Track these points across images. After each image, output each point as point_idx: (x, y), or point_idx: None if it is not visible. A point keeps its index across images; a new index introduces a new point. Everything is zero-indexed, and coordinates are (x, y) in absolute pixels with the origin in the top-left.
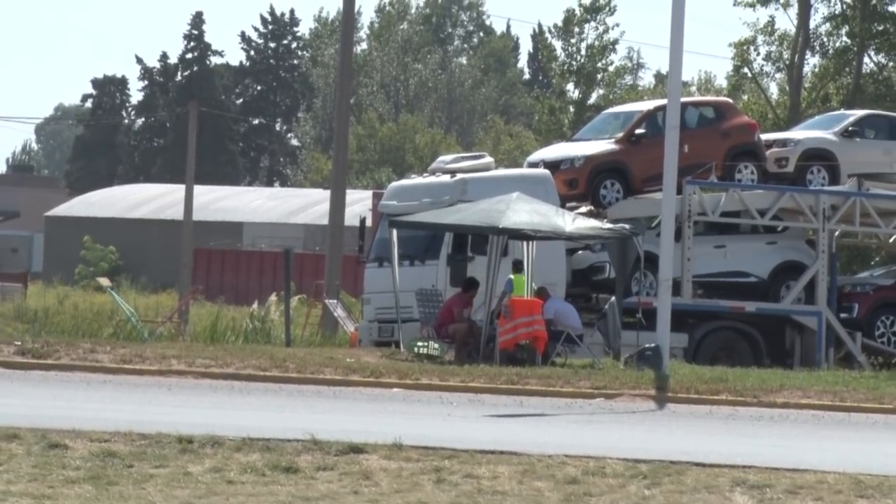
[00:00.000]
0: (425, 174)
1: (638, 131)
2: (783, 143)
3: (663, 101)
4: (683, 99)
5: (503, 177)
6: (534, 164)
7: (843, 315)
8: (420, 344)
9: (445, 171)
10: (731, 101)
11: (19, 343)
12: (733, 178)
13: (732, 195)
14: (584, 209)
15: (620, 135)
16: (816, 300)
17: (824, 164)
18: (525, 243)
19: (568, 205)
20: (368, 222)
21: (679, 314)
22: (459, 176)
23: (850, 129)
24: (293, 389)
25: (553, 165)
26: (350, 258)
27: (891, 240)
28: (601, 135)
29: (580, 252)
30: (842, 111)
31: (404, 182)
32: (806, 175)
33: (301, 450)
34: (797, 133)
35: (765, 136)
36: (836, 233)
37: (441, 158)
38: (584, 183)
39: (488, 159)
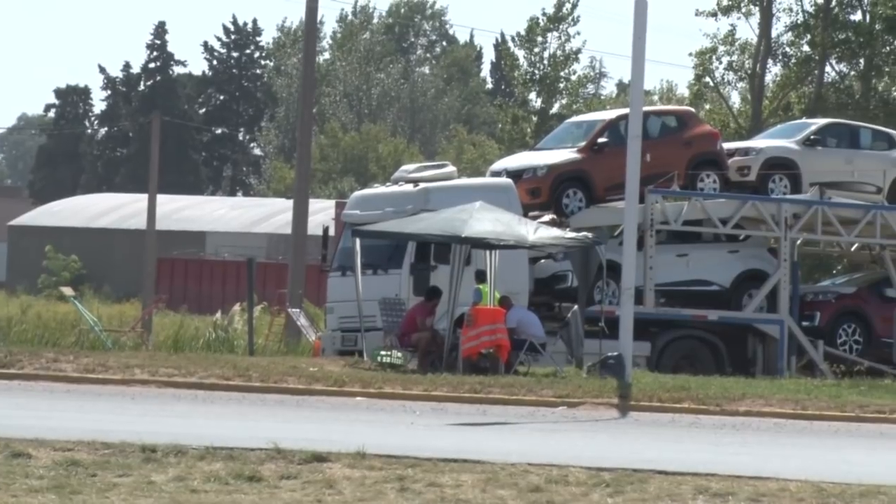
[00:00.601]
0: (388, 183)
1: (600, 140)
2: (745, 151)
3: (625, 111)
4: (645, 108)
5: (466, 186)
6: (496, 173)
7: (805, 323)
8: (383, 353)
9: (408, 181)
10: (692, 110)
11: None
12: (695, 186)
13: (695, 204)
14: (546, 218)
15: (583, 144)
16: (778, 309)
17: (786, 172)
18: (488, 252)
19: (531, 213)
20: (332, 231)
21: (641, 323)
22: (422, 185)
23: (812, 137)
24: (256, 398)
25: (516, 174)
26: (313, 267)
27: (852, 248)
28: (564, 144)
29: (543, 261)
30: (804, 120)
31: (367, 191)
32: (768, 184)
33: (264, 458)
34: (759, 142)
35: (727, 145)
36: (798, 241)
37: (404, 168)
38: (546, 192)
39: (451, 168)
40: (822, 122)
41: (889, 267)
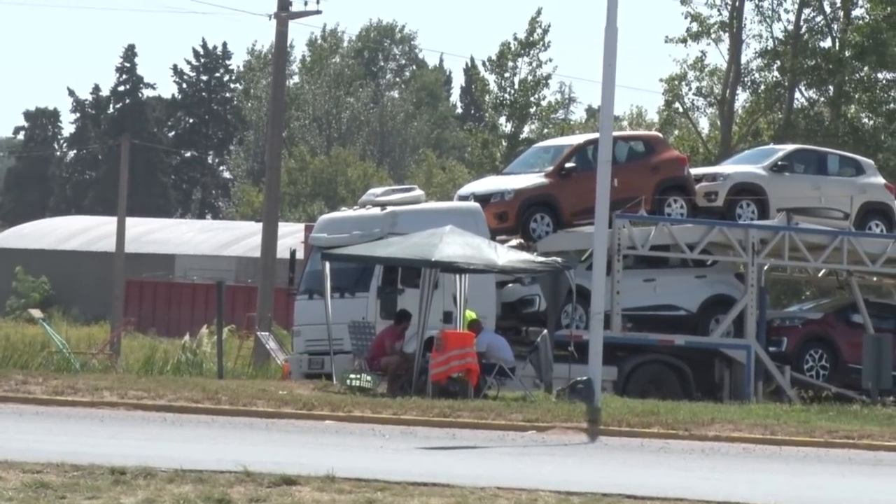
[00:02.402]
0: (355, 207)
1: (567, 165)
2: (713, 177)
3: (593, 136)
4: (614, 133)
5: (433, 209)
6: (464, 198)
7: (772, 349)
8: (353, 376)
9: (376, 204)
10: (660, 135)
11: None
12: (663, 212)
13: (662, 229)
14: (514, 242)
15: (550, 168)
16: (745, 334)
17: (753, 198)
18: (458, 276)
19: (498, 238)
20: (300, 255)
21: (609, 347)
22: (390, 209)
23: (780, 163)
24: (225, 421)
25: (483, 199)
26: (282, 291)
27: (819, 274)
28: (531, 168)
29: (510, 285)
30: (771, 146)
31: (335, 215)
32: (735, 209)
33: (234, 481)
34: (727, 167)
35: (694, 171)
36: (766, 267)
37: (371, 191)
38: (514, 216)
39: (418, 192)
40: (789, 147)
41: (856, 293)
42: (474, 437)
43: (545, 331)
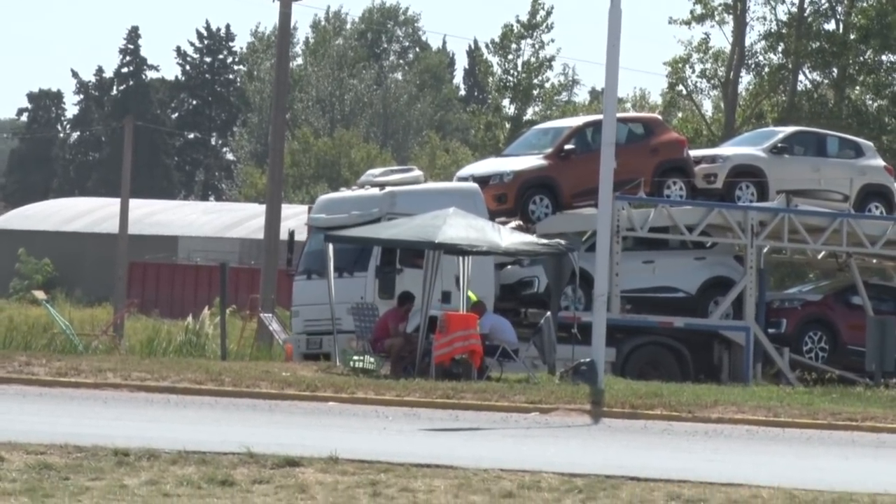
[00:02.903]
0: (354, 187)
1: (567, 147)
2: (712, 159)
3: (592, 117)
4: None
5: (432, 190)
6: (463, 179)
7: (771, 330)
8: (356, 358)
9: (374, 184)
10: (659, 117)
11: None
12: (662, 193)
13: (661, 211)
14: (513, 224)
15: (550, 150)
16: (744, 316)
17: (753, 180)
18: (460, 258)
19: (497, 220)
20: (303, 236)
21: (608, 329)
22: (388, 189)
23: (779, 145)
24: (229, 403)
25: (482, 180)
26: (285, 272)
27: (819, 256)
28: (530, 150)
29: (509, 267)
30: (771, 128)
31: (333, 195)
32: (735, 191)
33: (237, 463)
34: (726, 149)
35: (694, 153)
36: (765, 249)
37: (370, 171)
38: (513, 198)
39: (417, 172)
40: (789, 130)
41: (855, 274)
42: (477, 419)
43: (548, 313)
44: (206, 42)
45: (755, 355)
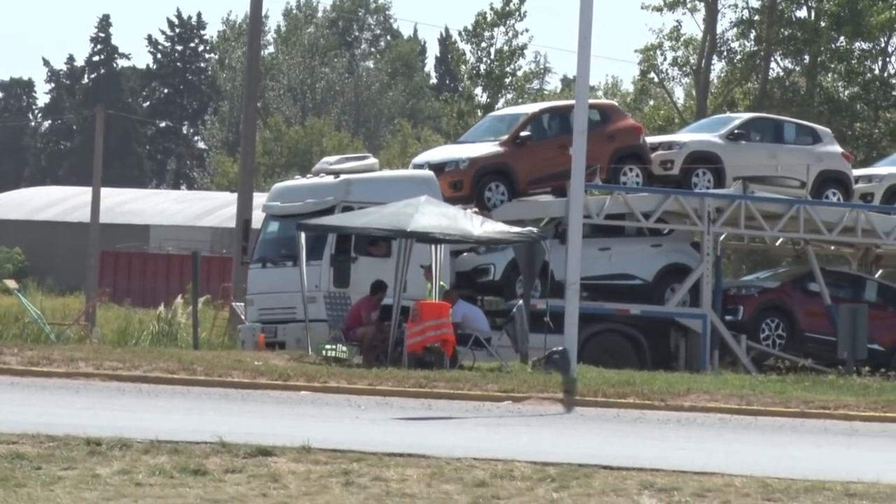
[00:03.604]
0: (309, 175)
1: (523, 134)
2: (668, 145)
3: (547, 104)
4: (569, 102)
5: (387, 178)
6: (419, 166)
7: (728, 318)
8: (328, 347)
9: (329, 172)
10: (615, 104)
11: None
12: (618, 180)
13: (617, 198)
14: (469, 211)
15: (505, 137)
16: (701, 303)
17: (710, 166)
18: (432, 247)
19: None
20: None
21: (563, 316)
22: (343, 177)
23: (736, 131)
24: (201, 392)
25: (438, 167)
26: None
27: (777, 243)
28: (486, 137)
29: (465, 254)
30: (728, 114)
31: (288, 183)
32: (691, 178)
33: (209, 452)
34: (683, 136)
35: (650, 139)
36: (723, 236)
37: (325, 159)
38: (468, 185)
39: (372, 160)
40: (745, 116)
41: (812, 261)
42: (450, 408)
43: (520, 301)
44: (177, 30)
45: (712, 342)
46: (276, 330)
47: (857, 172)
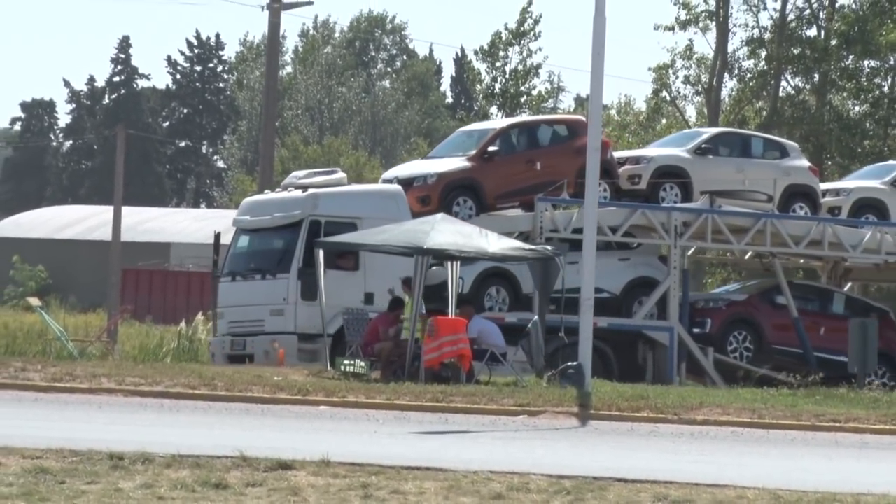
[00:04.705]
0: (279, 189)
1: (491, 149)
2: (636, 160)
3: (515, 120)
4: (536, 117)
5: (354, 192)
6: (388, 181)
7: (696, 330)
8: (346, 362)
9: (298, 186)
10: (583, 118)
11: None
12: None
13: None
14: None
15: (473, 152)
16: (668, 316)
17: (677, 181)
18: (449, 263)
19: None
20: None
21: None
22: (311, 191)
23: (703, 146)
24: (222, 407)
25: (406, 182)
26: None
27: (746, 256)
28: (455, 152)
29: (434, 268)
30: (696, 129)
31: (258, 197)
32: (659, 192)
33: (230, 466)
34: (650, 150)
35: (618, 154)
36: (692, 250)
37: (294, 174)
38: (436, 199)
39: (341, 175)
40: (713, 130)
41: (779, 274)
42: (467, 422)
43: (536, 317)
44: (196, 51)
45: (679, 355)
46: (245, 342)
47: (824, 186)
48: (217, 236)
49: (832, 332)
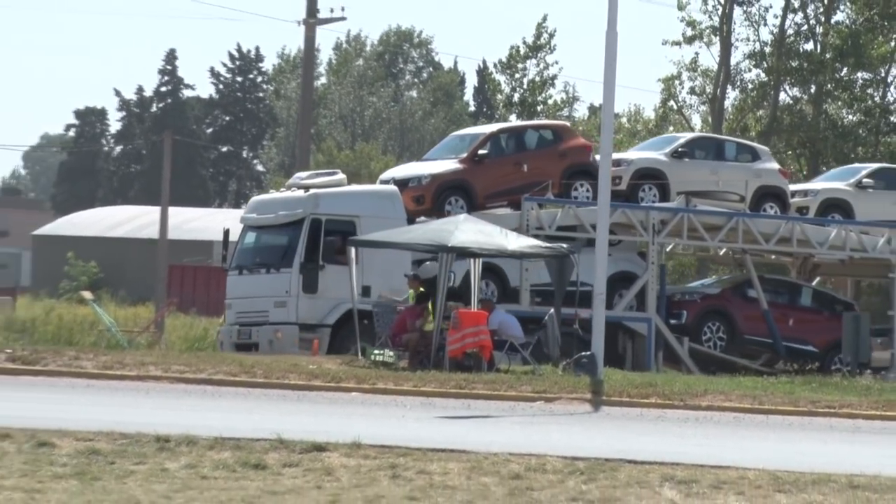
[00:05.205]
0: (283, 189)
1: (481, 152)
2: (617, 162)
3: (506, 125)
4: (523, 122)
5: (353, 192)
6: (385, 182)
7: (673, 321)
8: (376, 352)
9: (300, 187)
10: (567, 124)
11: (10, 351)
12: (570, 195)
13: (568, 211)
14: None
15: (465, 155)
16: (646, 307)
17: (655, 182)
18: (472, 260)
19: (418, 219)
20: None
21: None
22: (312, 191)
23: (680, 150)
24: (260, 393)
25: (402, 183)
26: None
27: (721, 252)
28: (448, 155)
29: (427, 263)
30: (673, 133)
31: (264, 196)
32: (638, 192)
33: (268, 448)
34: (630, 154)
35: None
36: (670, 247)
37: (298, 175)
38: (430, 199)
39: (341, 176)
40: (689, 135)
41: (751, 269)
42: (488, 408)
43: (552, 309)
44: (237, 63)
45: (656, 344)
46: (251, 332)
47: (793, 187)
48: (226, 233)
49: (800, 324)
